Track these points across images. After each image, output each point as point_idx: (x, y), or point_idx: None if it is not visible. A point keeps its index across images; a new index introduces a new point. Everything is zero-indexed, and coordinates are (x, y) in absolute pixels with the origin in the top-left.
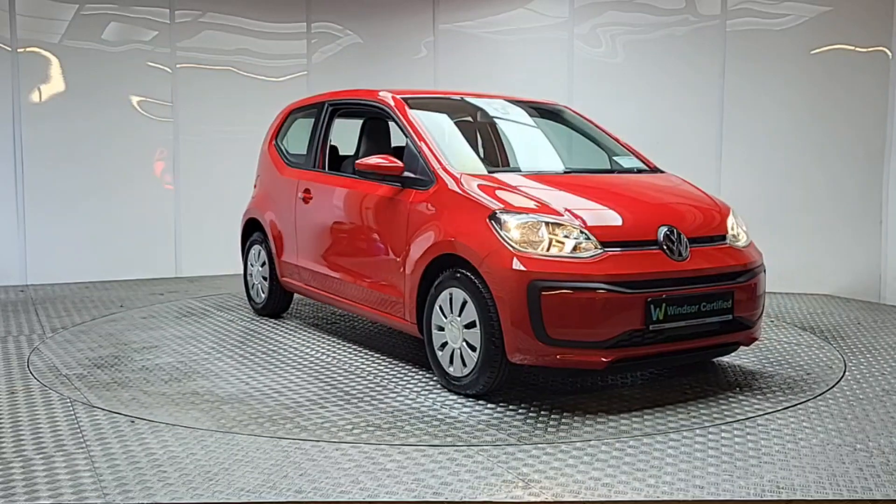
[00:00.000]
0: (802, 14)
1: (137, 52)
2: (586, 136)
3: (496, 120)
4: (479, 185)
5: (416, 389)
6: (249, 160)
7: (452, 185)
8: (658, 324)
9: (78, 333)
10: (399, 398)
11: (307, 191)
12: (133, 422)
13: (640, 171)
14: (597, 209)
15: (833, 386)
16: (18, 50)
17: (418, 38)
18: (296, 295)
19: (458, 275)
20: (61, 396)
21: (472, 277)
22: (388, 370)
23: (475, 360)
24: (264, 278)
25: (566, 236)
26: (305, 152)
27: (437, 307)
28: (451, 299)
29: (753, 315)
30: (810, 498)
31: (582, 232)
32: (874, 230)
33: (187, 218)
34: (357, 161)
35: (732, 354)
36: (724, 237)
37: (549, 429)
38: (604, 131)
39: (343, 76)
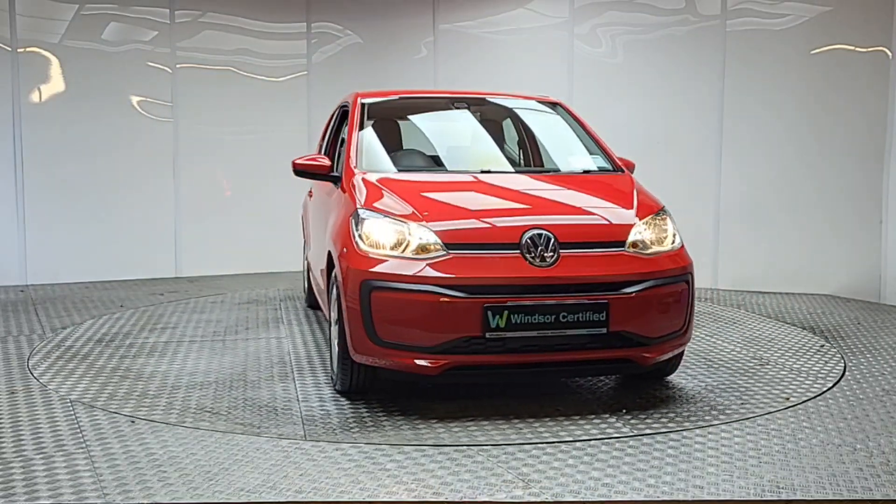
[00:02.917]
0: (802, 14)
1: (137, 52)
2: (554, 135)
3: (455, 121)
4: (363, 184)
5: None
6: (250, 160)
7: (345, 183)
8: (497, 331)
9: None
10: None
11: (310, 191)
12: (133, 422)
13: (587, 171)
14: (461, 212)
15: (833, 386)
16: (18, 50)
17: (418, 38)
18: None
19: (332, 272)
20: (61, 396)
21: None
22: None
23: (336, 357)
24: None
25: (411, 237)
26: None
27: (332, 303)
28: (337, 295)
29: (650, 331)
30: (810, 498)
31: (429, 234)
32: (874, 230)
33: (187, 218)
34: (294, 160)
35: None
36: (621, 243)
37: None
38: (585, 128)
39: (343, 76)
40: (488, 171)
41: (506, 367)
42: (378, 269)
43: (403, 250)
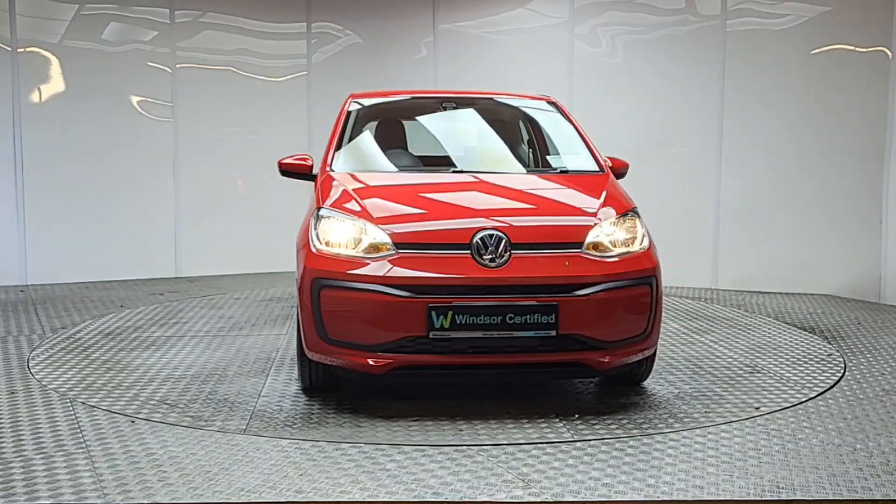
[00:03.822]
0: (802, 14)
1: (137, 52)
2: (541, 134)
3: (443, 121)
4: (330, 184)
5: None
6: (250, 160)
7: (317, 182)
8: (442, 331)
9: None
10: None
11: None
12: (133, 422)
13: (564, 171)
14: (415, 212)
15: (833, 386)
16: (18, 50)
17: (418, 38)
18: None
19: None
20: (61, 396)
21: None
22: None
23: (298, 355)
24: None
25: (364, 237)
26: None
27: None
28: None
29: (605, 335)
30: (810, 498)
31: (381, 233)
32: (874, 230)
33: (187, 218)
34: (279, 160)
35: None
36: (578, 245)
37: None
38: (574, 127)
39: (343, 76)
40: (461, 171)
41: (452, 368)
42: (328, 267)
43: (356, 250)
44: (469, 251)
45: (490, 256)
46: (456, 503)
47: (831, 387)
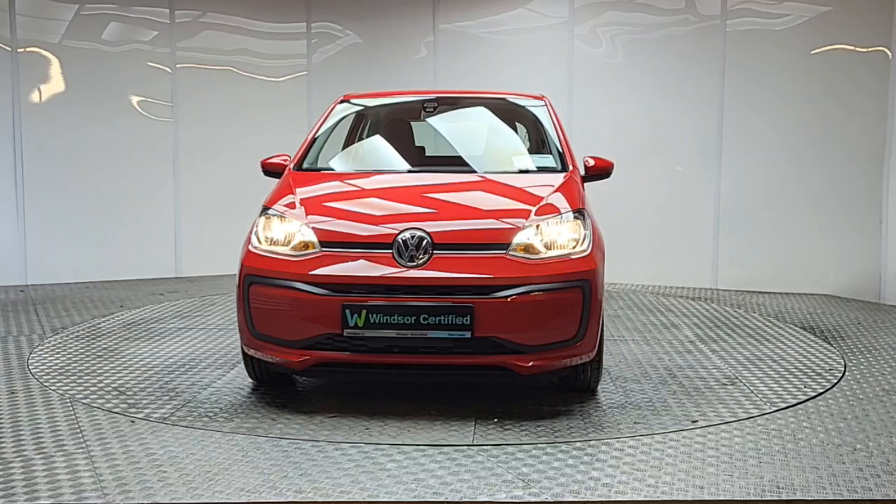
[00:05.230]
0: (802, 14)
1: (137, 52)
2: (517, 133)
3: (425, 121)
4: (283, 183)
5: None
6: (250, 160)
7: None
8: (356, 330)
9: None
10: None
11: None
12: (133, 422)
13: (523, 171)
14: (344, 211)
15: (833, 386)
16: (18, 50)
17: (418, 38)
18: None
19: None
20: (61, 396)
21: None
22: None
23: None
24: None
25: (295, 235)
26: None
27: None
28: None
29: (526, 339)
30: (810, 498)
31: (309, 232)
32: (874, 230)
33: (187, 218)
34: (262, 160)
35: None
36: (504, 246)
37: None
38: (555, 125)
39: (343, 76)
40: (417, 172)
41: (368, 367)
42: (258, 264)
43: (288, 248)
44: (391, 251)
45: (410, 256)
46: (456, 503)
47: (831, 387)
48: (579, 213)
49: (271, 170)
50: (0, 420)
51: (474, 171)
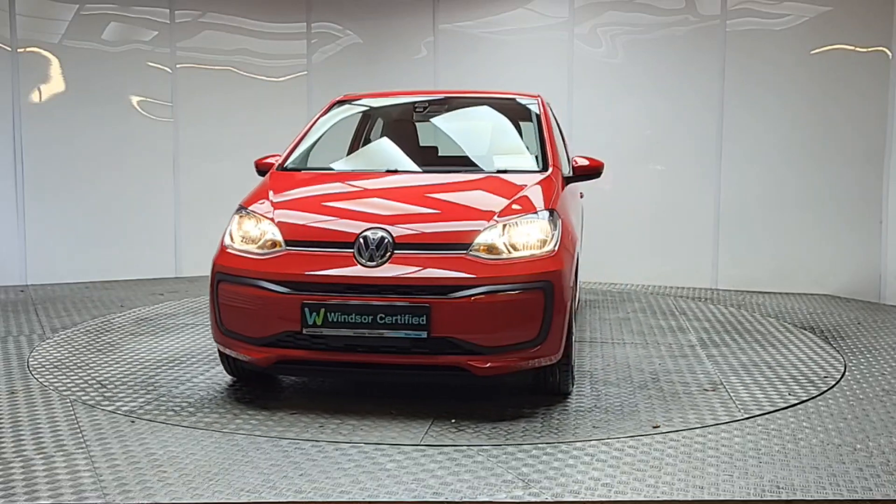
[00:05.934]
0: (802, 14)
1: (137, 52)
2: (504, 133)
3: (416, 122)
4: (262, 182)
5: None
6: (250, 160)
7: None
8: (314, 328)
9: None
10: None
11: None
12: (133, 422)
13: (501, 171)
14: (310, 211)
15: (833, 386)
16: (18, 50)
17: (418, 38)
18: None
19: None
20: (61, 396)
21: None
22: None
23: None
24: None
25: (263, 234)
26: None
27: None
28: None
29: (483, 340)
30: (810, 498)
31: (275, 230)
32: (874, 230)
33: (187, 218)
34: (256, 160)
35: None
36: (465, 246)
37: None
38: (542, 125)
39: (343, 76)
40: (395, 173)
41: (327, 365)
42: (227, 262)
43: (256, 246)
44: (352, 250)
45: (370, 255)
46: (456, 503)
47: (831, 387)
48: (549, 213)
49: (264, 169)
50: (0, 420)
51: (451, 172)
